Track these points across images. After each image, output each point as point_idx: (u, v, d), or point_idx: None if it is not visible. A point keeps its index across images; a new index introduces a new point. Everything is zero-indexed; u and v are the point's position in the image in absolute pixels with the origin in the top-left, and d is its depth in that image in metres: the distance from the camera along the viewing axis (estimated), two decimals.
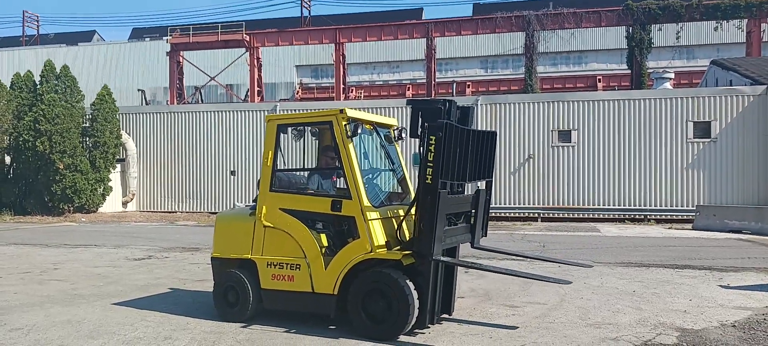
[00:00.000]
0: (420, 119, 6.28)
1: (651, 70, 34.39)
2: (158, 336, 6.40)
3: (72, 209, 26.11)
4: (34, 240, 16.95)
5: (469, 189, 7.07)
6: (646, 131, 23.46)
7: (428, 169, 5.95)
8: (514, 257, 9.45)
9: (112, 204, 27.83)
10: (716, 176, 22.84)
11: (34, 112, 25.42)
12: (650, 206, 23.29)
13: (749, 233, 18.04)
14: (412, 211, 6.28)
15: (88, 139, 27.06)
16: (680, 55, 43.70)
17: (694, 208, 21.36)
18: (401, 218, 6.51)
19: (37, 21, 63.32)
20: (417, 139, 6.34)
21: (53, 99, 25.71)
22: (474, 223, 6.81)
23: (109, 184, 27.28)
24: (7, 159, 27.08)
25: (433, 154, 5.91)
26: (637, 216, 23.13)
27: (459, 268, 7.27)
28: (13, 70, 34.58)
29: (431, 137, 5.94)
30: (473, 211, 6.80)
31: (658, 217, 22.95)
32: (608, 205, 23.68)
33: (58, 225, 22.90)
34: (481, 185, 6.97)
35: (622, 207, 23.49)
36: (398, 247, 6.36)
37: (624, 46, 36.09)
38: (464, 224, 6.78)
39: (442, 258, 6.19)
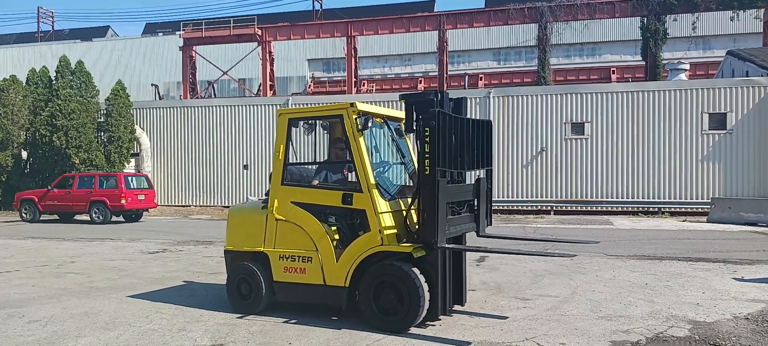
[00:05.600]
0: (414, 113, 6.31)
1: (666, 62, 34.01)
2: (173, 328, 6.49)
3: None
4: (51, 234, 17.20)
5: (471, 179, 7.08)
6: (661, 123, 23.25)
7: (426, 160, 6.00)
8: (520, 241, 9.34)
9: None
10: (732, 168, 22.61)
11: (51, 108, 25.72)
12: (664, 198, 23.11)
13: (765, 226, 17.84)
14: (416, 202, 6.31)
15: (102, 133, 27.35)
16: (696, 46, 43.18)
17: (709, 200, 21.16)
18: (407, 210, 6.55)
19: (52, 17, 64.00)
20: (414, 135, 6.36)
21: (69, 94, 26.00)
22: (477, 212, 6.83)
23: None
24: (24, 154, 27.46)
25: (428, 145, 5.96)
26: (651, 209, 22.97)
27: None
28: (28, 66, 34.96)
29: (426, 129, 5.99)
30: (476, 200, 6.82)
31: (673, 210, 22.77)
32: (622, 198, 23.53)
33: (75, 219, 23.19)
34: (482, 173, 6.98)
35: (635, 200, 23.34)
36: (407, 240, 6.40)
37: (638, 37, 35.71)
38: (468, 213, 6.80)
39: (447, 245, 6.22)
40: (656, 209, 22.86)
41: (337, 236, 6.68)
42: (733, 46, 36.57)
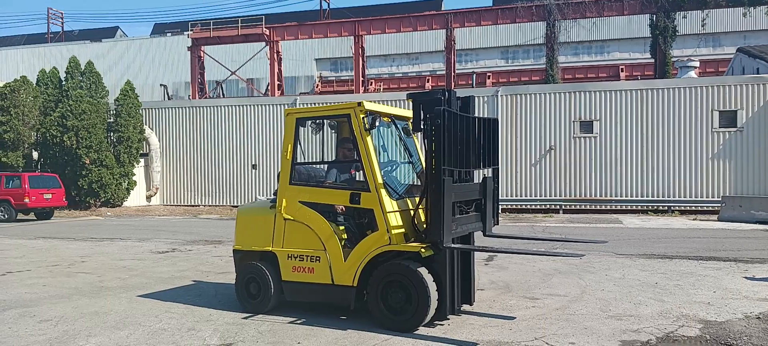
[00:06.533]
0: (421, 112, 6.27)
1: (675, 59, 33.76)
2: (182, 327, 6.52)
3: (98, 203, 26.62)
4: (61, 234, 17.33)
5: (479, 177, 7.06)
6: (670, 121, 23.10)
7: (433, 159, 5.98)
8: (528, 240, 9.20)
9: (136, 198, 28.29)
10: (742, 166, 22.43)
11: (62, 108, 25.91)
12: (674, 197, 22.96)
13: None
14: (424, 202, 6.29)
15: (112, 134, 27.52)
16: (706, 43, 42.84)
17: (720, 199, 21.00)
18: (415, 209, 6.54)
19: (62, 18, 64.44)
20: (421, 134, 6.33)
21: (80, 95, 26.18)
22: (484, 211, 6.81)
23: (134, 178, 27.72)
24: (35, 154, 27.66)
25: (435, 143, 5.93)
26: (661, 208, 22.83)
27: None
28: (38, 66, 35.20)
29: (433, 127, 5.96)
30: (482, 199, 6.79)
31: (683, 208, 22.62)
32: (631, 196, 23.40)
33: (85, 219, 23.37)
34: (488, 172, 6.95)
35: (645, 198, 23.21)
36: (415, 239, 6.39)
37: (647, 34, 35.50)
38: (475, 212, 6.78)
39: (453, 245, 6.20)
40: (666, 208, 22.72)
41: (345, 236, 6.69)
42: (743, 43, 36.31)
